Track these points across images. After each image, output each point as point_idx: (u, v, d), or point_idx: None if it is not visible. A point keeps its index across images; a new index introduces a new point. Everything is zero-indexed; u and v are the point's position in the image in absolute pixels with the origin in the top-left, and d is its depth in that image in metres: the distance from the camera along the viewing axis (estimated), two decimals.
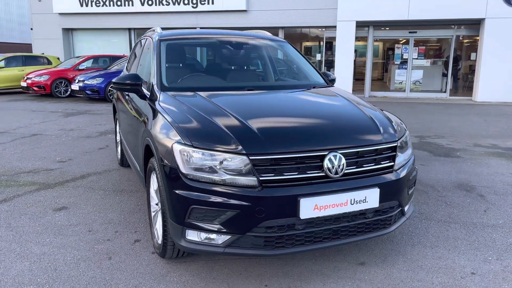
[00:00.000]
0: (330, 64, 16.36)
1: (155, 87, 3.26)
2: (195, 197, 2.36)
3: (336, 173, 2.45)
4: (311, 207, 2.36)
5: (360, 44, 17.21)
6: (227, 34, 4.06)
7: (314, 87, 3.62)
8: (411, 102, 14.16)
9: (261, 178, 2.33)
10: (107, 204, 4.00)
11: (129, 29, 17.82)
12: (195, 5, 16.48)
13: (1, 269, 2.77)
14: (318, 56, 16.76)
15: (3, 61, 15.74)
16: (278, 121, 2.74)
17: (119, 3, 17.17)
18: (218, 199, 2.33)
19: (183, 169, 2.40)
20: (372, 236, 2.67)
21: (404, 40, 16.01)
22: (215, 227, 2.37)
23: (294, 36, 17.66)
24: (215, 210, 2.34)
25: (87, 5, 17.61)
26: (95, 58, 15.73)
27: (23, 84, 14.55)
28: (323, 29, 16.56)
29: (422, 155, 6.12)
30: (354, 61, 16.34)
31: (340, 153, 2.48)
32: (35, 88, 14.27)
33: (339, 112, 3.00)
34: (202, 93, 3.10)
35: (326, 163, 2.43)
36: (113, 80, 3.41)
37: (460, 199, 4.17)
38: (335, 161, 2.44)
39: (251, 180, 2.33)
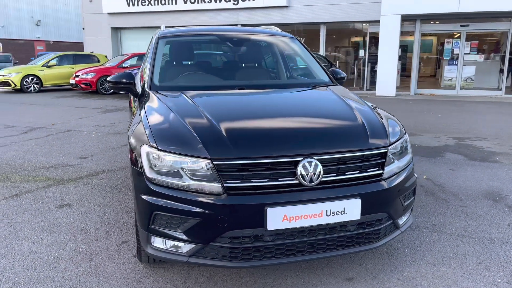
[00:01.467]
0: (374, 60, 15.71)
1: (146, 86, 3.20)
2: (158, 203, 2.24)
3: (311, 181, 2.24)
4: (279, 218, 2.17)
5: (411, 39, 16.39)
6: (231, 30, 3.93)
7: (314, 86, 3.39)
8: (461, 100, 13.29)
9: (226, 185, 2.17)
10: (109, 202, 4.00)
11: (173, 27, 18.13)
12: (236, 2, 16.46)
13: None
14: (362, 52, 16.16)
15: (55, 59, 16.59)
16: (253, 123, 2.56)
17: (163, 1, 17.53)
18: (181, 206, 2.20)
19: (148, 173, 2.30)
20: (355, 251, 2.43)
21: (459, 34, 15.02)
22: (179, 235, 2.25)
23: (337, 31, 17.19)
24: (178, 217, 2.22)
25: (133, 5, 18.14)
26: (139, 56, 16.13)
27: (72, 81, 15.26)
28: (367, 24, 15.95)
29: (455, 159, 5.65)
30: (403, 56, 15.64)
31: (317, 159, 2.26)
32: (82, 86, 14.92)
33: (324, 115, 2.77)
34: (189, 93, 2.98)
35: (300, 170, 2.23)
36: (108, 78, 3.38)
37: (484, 210, 3.76)
38: (309, 168, 2.23)
39: (215, 187, 2.18)
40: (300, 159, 2.24)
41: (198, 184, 2.20)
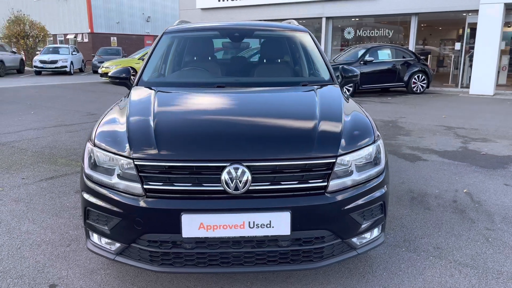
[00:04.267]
0: (472, 55, 14.12)
1: (134, 82, 3.27)
2: (89, 199, 2.28)
3: (237, 189, 2.07)
4: (195, 226, 2.05)
5: None
6: (238, 26, 3.80)
7: (305, 85, 3.13)
8: None
9: (147, 187, 2.11)
10: None
11: (260, 21, 18.35)
12: None
13: None
14: (457, 46, 14.62)
15: None
16: (191, 125, 2.43)
17: None
18: (104, 204, 2.20)
19: (86, 169, 2.34)
20: (290, 269, 2.21)
21: None
22: (106, 232, 2.26)
23: (429, 23, 15.78)
24: (104, 215, 2.23)
25: (223, 0, 18.69)
26: None
27: None
28: (466, 14, 14.35)
29: None
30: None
31: (246, 166, 2.08)
32: None
33: (276, 118, 2.52)
34: (163, 89, 2.99)
35: (224, 176, 2.07)
36: (109, 74, 3.52)
37: None
38: (234, 175, 2.07)
39: (135, 188, 2.13)
40: (227, 164, 2.08)
41: (123, 183, 2.18)
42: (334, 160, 2.16)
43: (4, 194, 4.13)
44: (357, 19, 16.92)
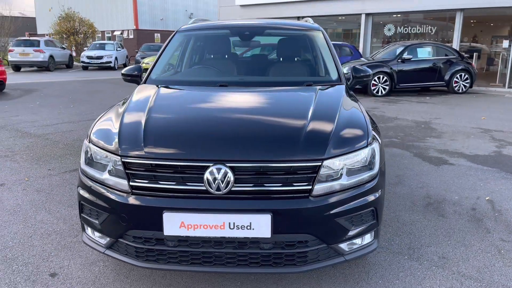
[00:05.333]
0: None
1: (143, 79, 3.34)
2: (82, 194, 2.37)
3: (219, 189, 2.07)
4: (176, 224, 2.07)
5: None
6: (250, 25, 3.78)
7: (309, 85, 3.07)
8: None
9: (133, 184, 2.16)
10: None
11: (298, 18, 18.18)
12: None
13: None
14: (505, 43, 13.82)
15: None
16: (181, 123, 2.44)
17: None
18: (95, 199, 2.27)
19: (82, 164, 2.43)
20: (272, 272, 2.17)
21: None
22: (98, 226, 2.33)
23: (476, 19, 15.00)
24: (94, 209, 2.30)
25: None
26: None
27: None
28: None
29: None
30: None
31: (229, 167, 2.07)
32: None
33: (264, 118, 2.48)
34: (165, 87, 3.04)
35: (207, 176, 2.08)
36: (122, 71, 3.62)
37: None
38: (217, 175, 2.06)
39: (122, 184, 2.18)
40: (210, 164, 2.09)
41: (112, 179, 2.23)
42: (320, 164, 2.11)
43: (29, 184, 4.35)
44: (398, 15, 16.39)
